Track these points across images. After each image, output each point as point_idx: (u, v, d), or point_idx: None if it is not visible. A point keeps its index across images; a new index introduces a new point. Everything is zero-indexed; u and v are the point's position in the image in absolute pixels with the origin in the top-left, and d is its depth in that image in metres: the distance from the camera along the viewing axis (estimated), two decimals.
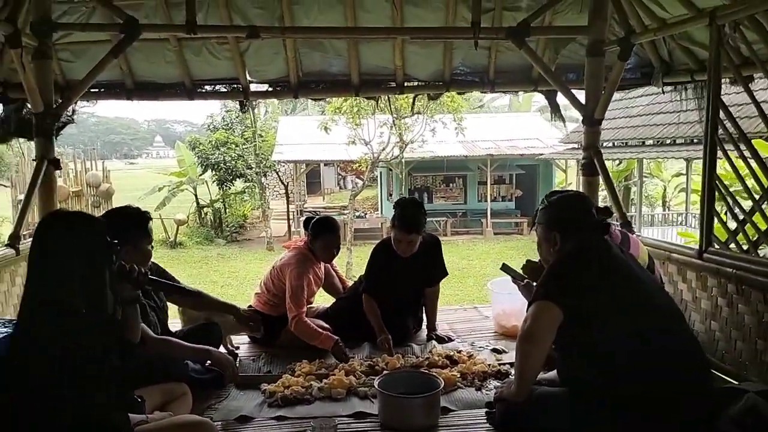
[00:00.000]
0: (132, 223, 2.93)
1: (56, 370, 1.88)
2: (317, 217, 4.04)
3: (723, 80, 3.31)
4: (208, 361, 3.17)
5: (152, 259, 3.03)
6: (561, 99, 4.80)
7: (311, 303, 4.04)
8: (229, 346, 3.71)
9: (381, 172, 20.33)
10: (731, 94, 3.31)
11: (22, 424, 1.90)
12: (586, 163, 4.22)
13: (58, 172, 4.21)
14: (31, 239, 2.14)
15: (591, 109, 4.12)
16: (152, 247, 3.02)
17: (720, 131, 3.20)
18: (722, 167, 3.70)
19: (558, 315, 2.25)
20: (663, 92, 4.71)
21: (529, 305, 2.39)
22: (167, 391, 2.69)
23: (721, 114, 3.19)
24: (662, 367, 2.22)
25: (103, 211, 3.67)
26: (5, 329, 2.37)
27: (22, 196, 11.44)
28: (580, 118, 4.33)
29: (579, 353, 2.34)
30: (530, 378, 2.42)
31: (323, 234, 3.86)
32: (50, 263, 1.99)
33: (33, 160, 4.22)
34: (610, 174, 4.57)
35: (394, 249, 3.81)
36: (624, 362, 2.22)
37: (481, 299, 9.15)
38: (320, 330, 3.68)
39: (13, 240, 3.86)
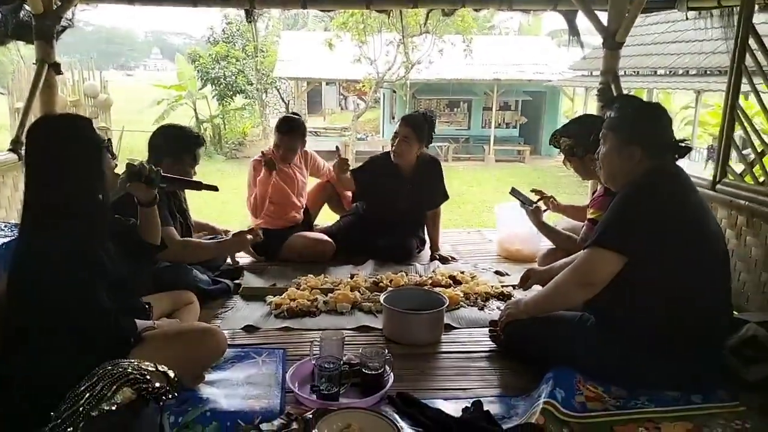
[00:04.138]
0: (181, 140, 3.06)
1: (60, 273, 1.87)
2: None
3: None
4: (216, 273, 3.19)
5: None
6: (580, 21, 4.60)
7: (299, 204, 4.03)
8: (230, 260, 3.69)
9: (384, 94, 19.90)
10: (759, 24, 3.13)
11: (29, 327, 1.91)
12: (603, 88, 4.09)
13: (57, 77, 4.12)
14: None
15: (613, 32, 3.96)
16: (195, 172, 3.08)
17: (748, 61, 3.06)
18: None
19: (622, 262, 2.08)
20: (687, 18, 4.51)
21: (586, 244, 2.18)
22: (175, 299, 2.71)
23: (751, 42, 3.05)
24: (704, 316, 2.10)
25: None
26: (11, 233, 2.36)
27: (19, 104, 11.23)
28: (594, 43, 4.16)
29: (625, 287, 2.11)
30: (553, 310, 2.36)
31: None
32: (43, 165, 1.98)
33: (33, 63, 4.08)
34: None
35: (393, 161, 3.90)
36: (671, 304, 2.08)
37: (480, 224, 9.15)
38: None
39: (15, 145, 3.82)
